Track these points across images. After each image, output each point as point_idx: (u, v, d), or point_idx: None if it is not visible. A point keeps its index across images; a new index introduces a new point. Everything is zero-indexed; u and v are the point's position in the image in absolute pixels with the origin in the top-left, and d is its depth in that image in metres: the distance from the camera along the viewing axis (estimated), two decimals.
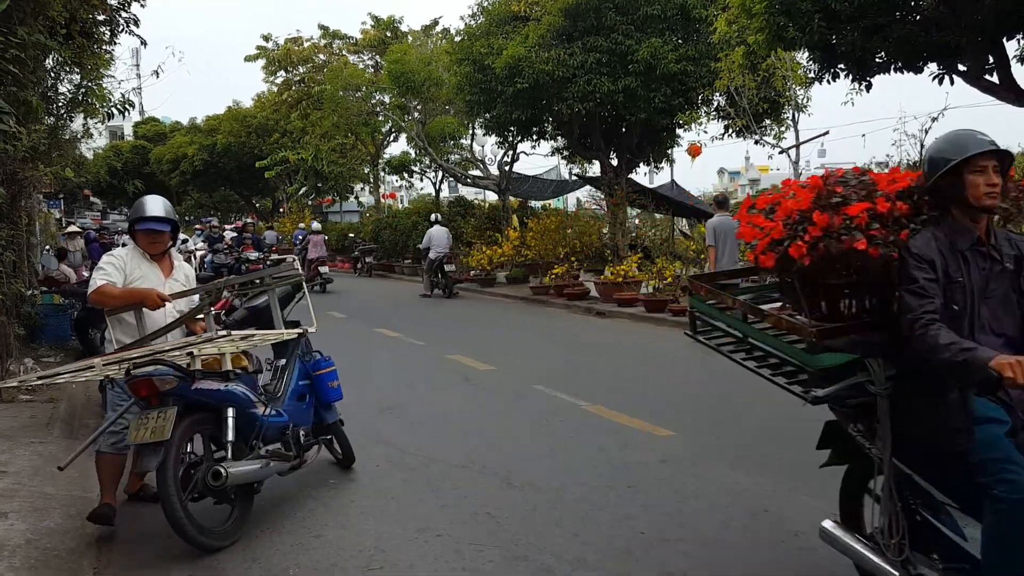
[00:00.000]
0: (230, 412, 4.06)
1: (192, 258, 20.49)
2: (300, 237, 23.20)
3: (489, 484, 4.98)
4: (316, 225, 23.74)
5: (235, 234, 23.13)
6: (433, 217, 20.92)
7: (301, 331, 4.89)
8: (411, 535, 4.21)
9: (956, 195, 2.79)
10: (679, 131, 19.76)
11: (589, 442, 5.90)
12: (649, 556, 3.88)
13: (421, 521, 4.38)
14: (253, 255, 18.92)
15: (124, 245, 5.04)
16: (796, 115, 14.29)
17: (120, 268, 4.33)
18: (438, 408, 7.17)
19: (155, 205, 4.54)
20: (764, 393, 7.19)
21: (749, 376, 3.18)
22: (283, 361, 4.98)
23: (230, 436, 4.03)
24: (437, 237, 19.10)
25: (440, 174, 29.16)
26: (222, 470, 3.86)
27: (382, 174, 35.28)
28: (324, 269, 20.21)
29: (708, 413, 6.76)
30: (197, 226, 28.83)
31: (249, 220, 21.95)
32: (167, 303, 4.31)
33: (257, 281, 5.01)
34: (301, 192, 35.79)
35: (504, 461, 5.43)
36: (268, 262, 17.86)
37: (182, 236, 22.01)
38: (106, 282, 4.25)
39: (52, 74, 9.13)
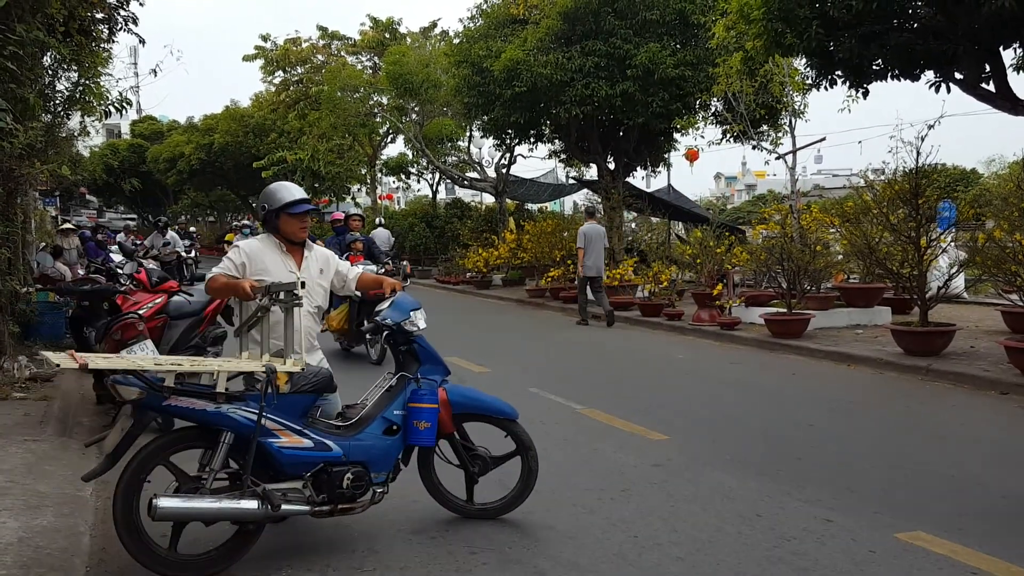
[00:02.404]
0: (226, 437, 3.64)
1: None
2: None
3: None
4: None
5: (337, 235, 13.14)
6: (377, 220, 23.19)
7: (261, 368, 3.73)
8: (405, 537, 4.21)
9: None
10: (676, 136, 19.80)
11: (583, 445, 5.91)
12: (642, 560, 3.88)
13: (415, 523, 4.39)
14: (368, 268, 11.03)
15: (252, 234, 4.60)
16: (793, 121, 14.32)
17: (240, 262, 4.21)
18: None
19: (295, 187, 4.36)
20: (758, 398, 7.22)
21: (743, 381, 3.20)
22: (394, 380, 4.28)
23: (216, 462, 3.63)
24: (379, 238, 21.62)
25: (437, 176, 29.18)
26: (154, 501, 3.47)
27: (379, 175, 35.31)
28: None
29: (702, 417, 6.77)
30: (245, 221, 25.86)
31: (355, 212, 13.58)
32: (256, 295, 3.93)
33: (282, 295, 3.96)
34: None
35: None
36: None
37: (171, 234, 21.40)
38: (217, 272, 4.19)
39: (50, 71, 9.11)
